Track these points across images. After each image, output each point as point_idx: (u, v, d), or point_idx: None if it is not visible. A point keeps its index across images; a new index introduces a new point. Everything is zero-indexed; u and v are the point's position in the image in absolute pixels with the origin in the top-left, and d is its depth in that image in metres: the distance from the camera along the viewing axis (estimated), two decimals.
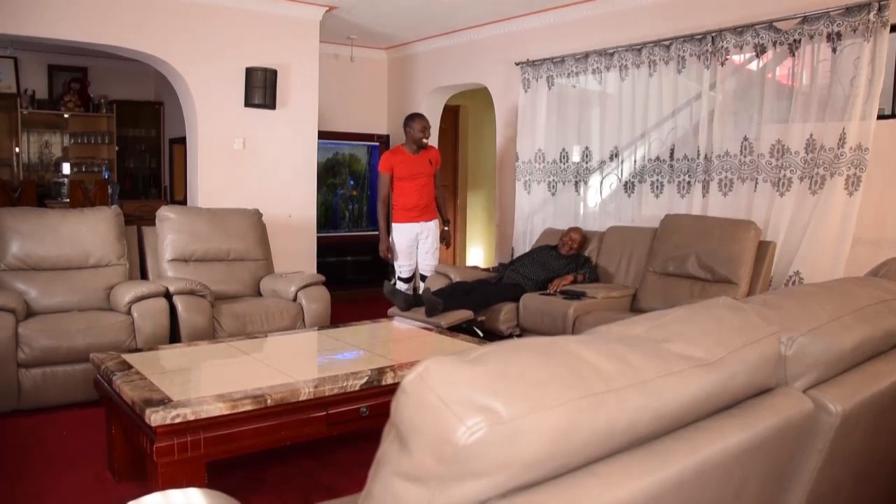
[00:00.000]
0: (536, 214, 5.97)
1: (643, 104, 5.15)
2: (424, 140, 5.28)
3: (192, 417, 2.29)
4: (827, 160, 4.13)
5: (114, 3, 5.11)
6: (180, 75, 5.49)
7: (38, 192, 7.61)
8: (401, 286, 5.42)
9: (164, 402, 2.33)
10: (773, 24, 4.32)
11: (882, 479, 1.82)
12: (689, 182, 4.91)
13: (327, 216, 7.46)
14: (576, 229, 5.29)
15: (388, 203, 5.40)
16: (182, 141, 6.28)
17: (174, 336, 4.05)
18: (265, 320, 4.38)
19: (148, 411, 2.24)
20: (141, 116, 8.58)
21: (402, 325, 4.01)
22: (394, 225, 5.43)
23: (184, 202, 6.34)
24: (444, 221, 5.54)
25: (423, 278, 5.40)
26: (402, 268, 5.51)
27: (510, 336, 4.82)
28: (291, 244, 5.92)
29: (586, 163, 5.62)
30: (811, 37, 4.16)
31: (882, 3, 3.84)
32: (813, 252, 4.23)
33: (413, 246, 5.41)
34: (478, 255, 8.96)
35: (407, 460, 0.89)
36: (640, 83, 5.15)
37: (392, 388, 2.31)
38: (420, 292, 5.01)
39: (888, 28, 3.86)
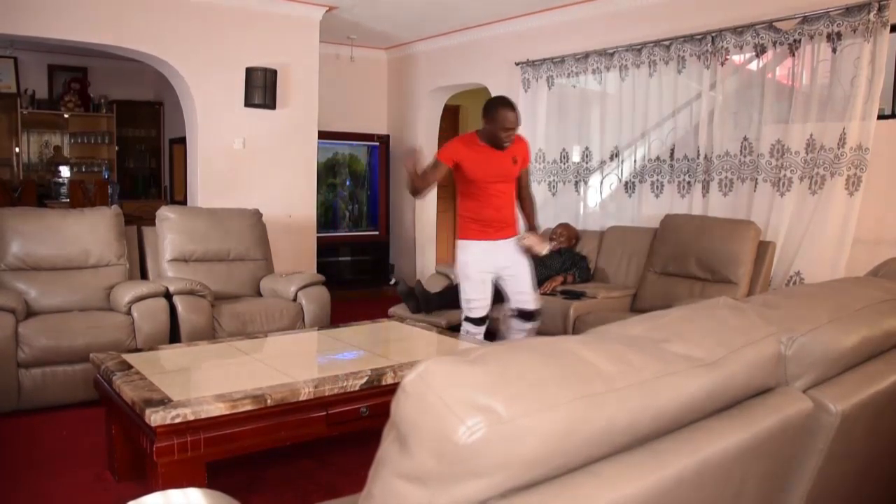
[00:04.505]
0: (537, 214, 5.95)
1: (643, 104, 5.15)
2: (506, 144, 3.61)
3: (191, 417, 2.29)
4: (827, 160, 4.13)
5: (114, 3, 5.11)
6: (180, 75, 5.49)
7: (38, 192, 7.61)
8: (470, 331, 3.82)
9: (164, 402, 2.32)
10: (773, 24, 4.32)
11: (882, 478, 1.82)
12: (689, 182, 4.91)
13: (327, 216, 7.45)
14: (562, 225, 5.33)
15: (422, 192, 3.77)
16: (182, 141, 6.27)
17: (174, 336, 4.05)
18: (265, 320, 4.38)
19: (148, 411, 2.24)
20: (141, 116, 8.58)
21: (401, 326, 4.01)
22: (461, 242, 3.82)
23: (184, 202, 6.34)
24: (530, 228, 3.98)
25: (529, 315, 3.83)
26: (471, 303, 3.79)
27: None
28: (291, 244, 5.92)
29: (586, 163, 5.62)
30: (811, 37, 4.16)
31: (882, 3, 3.84)
32: (813, 252, 4.23)
33: (489, 274, 3.79)
34: None
35: (407, 460, 0.89)
36: (640, 83, 5.15)
37: (392, 388, 2.30)
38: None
39: (888, 28, 3.86)
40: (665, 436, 1.08)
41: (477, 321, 3.82)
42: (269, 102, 5.70)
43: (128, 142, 8.52)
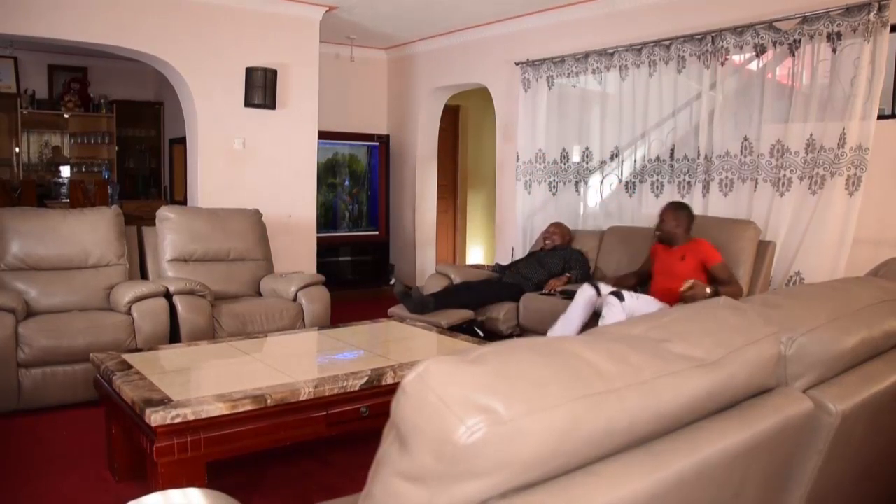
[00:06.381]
0: (537, 214, 5.97)
1: (643, 104, 5.15)
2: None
3: (192, 417, 2.28)
4: (827, 160, 4.13)
5: (114, 3, 5.11)
6: (180, 75, 5.49)
7: (38, 192, 7.61)
8: (609, 301, 4.23)
9: (164, 402, 2.32)
10: (773, 24, 4.32)
11: (882, 478, 1.82)
12: (689, 182, 4.91)
13: (327, 216, 7.45)
14: (555, 224, 5.32)
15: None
16: (182, 141, 6.27)
17: (174, 336, 4.05)
18: (265, 320, 4.38)
19: (148, 411, 2.24)
20: (141, 116, 8.57)
21: (401, 326, 4.01)
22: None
23: (184, 202, 6.34)
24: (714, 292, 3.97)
25: (620, 295, 4.20)
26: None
27: (510, 336, 4.82)
28: (291, 244, 5.92)
29: (587, 163, 5.62)
30: (811, 37, 4.16)
31: (882, 3, 3.84)
32: (813, 252, 4.23)
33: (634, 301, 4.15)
34: (478, 255, 8.97)
35: (407, 460, 0.89)
36: (641, 83, 5.14)
37: (392, 389, 2.30)
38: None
39: (888, 28, 3.86)
40: (665, 436, 1.08)
41: (616, 292, 4.14)
42: (269, 102, 5.70)
43: (128, 142, 8.52)
